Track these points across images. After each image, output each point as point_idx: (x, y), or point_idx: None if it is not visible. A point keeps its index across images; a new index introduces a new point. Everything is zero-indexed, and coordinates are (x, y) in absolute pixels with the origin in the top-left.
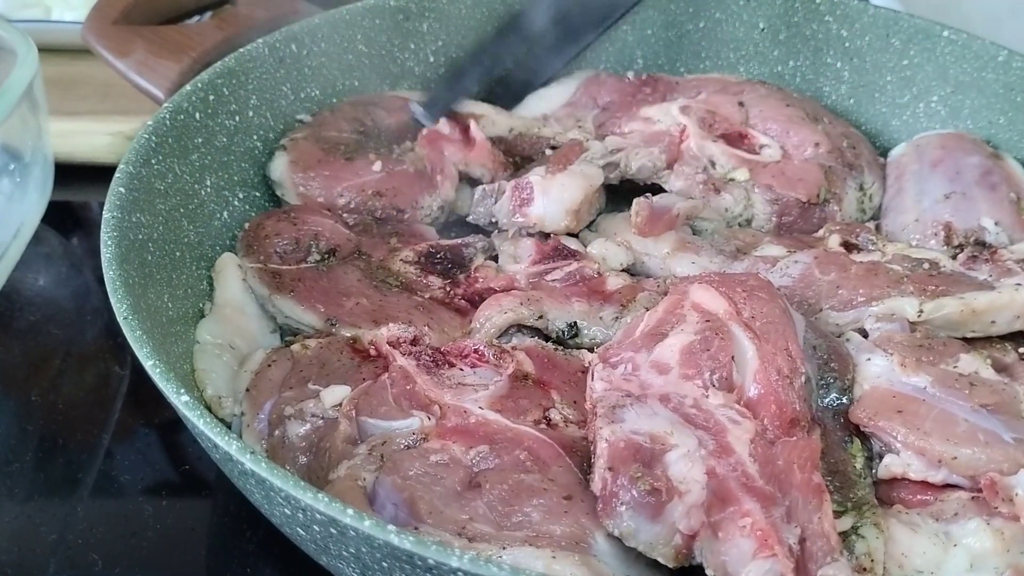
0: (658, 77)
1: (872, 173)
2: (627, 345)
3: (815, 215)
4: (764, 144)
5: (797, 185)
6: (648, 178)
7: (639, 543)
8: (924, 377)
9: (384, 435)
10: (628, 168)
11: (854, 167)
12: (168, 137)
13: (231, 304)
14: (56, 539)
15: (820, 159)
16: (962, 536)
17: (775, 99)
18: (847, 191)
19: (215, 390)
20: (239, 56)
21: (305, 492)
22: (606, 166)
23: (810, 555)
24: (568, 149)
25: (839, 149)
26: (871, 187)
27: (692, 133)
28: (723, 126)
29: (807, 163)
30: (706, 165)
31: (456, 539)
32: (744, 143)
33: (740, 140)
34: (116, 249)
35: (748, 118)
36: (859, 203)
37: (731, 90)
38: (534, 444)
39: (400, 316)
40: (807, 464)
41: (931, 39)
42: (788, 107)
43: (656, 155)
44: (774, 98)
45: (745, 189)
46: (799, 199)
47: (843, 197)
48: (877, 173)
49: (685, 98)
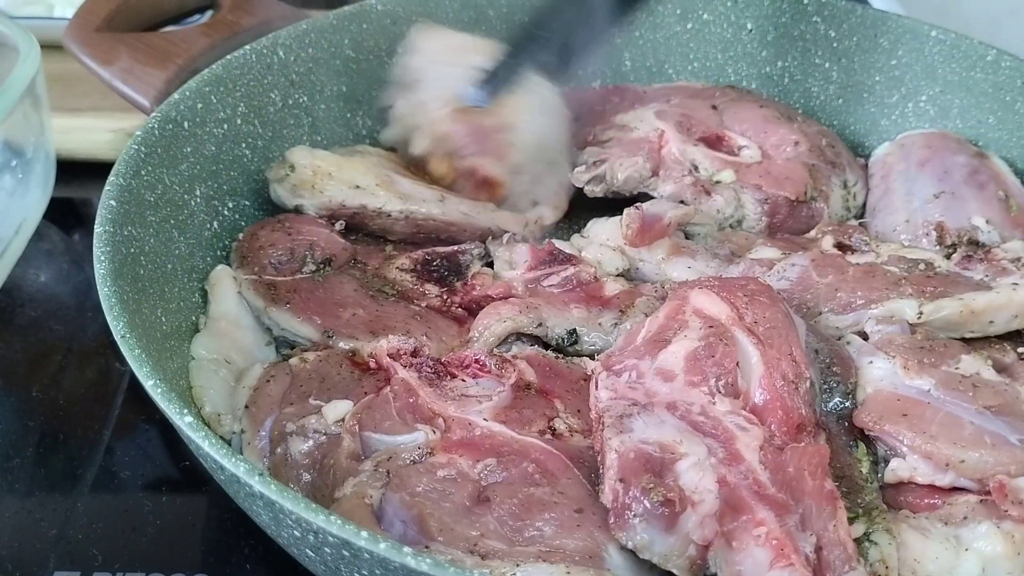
0: (624, 87)
1: (853, 171)
2: (630, 352)
3: (803, 213)
4: (743, 146)
5: (785, 184)
6: (635, 188)
7: (653, 555)
8: (927, 380)
9: (389, 450)
10: (615, 180)
11: (836, 164)
12: (157, 147)
13: (226, 317)
14: (56, 534)
15: (802, 157)
16: (973, 540)
17: (747, 101)
18: (832, 188)
19: (213, 407)
20: (226, 63)
21: (317, 514)
22: (591, 180)
23: (827, 564)
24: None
25: (819, 147)
26: (854, 185)
27: (672, 138)
28: (700, 129)
29: (791, 162)
30: (690, 169)
31: (468, 557)
32: (723, 145)
33: (718, 143)
34: (110, 264)
35: (723, 121)
36: (844, 201)
37: (702, 95)
38: (541, 456)
39: (398, 326)
40: (818, 470)
41: (919, 39)
42: (762, 108)
43: (641, 164)
44: (746, 100)
45: (734, 190)
46: (788, 198)
47: (829, 195)
48: (858, 171)
49: (657, 103)
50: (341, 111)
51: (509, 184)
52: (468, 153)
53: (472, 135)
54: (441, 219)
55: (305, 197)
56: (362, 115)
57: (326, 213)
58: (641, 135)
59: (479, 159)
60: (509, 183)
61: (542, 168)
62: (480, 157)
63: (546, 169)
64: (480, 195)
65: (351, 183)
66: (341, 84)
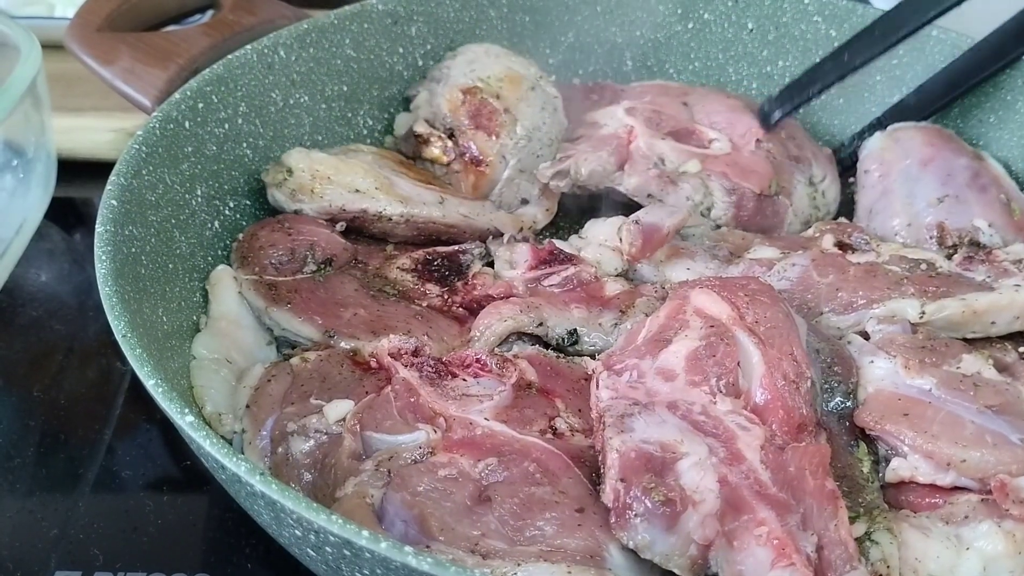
0: (604, 84)
1: (820, 165)
2: (631, 352)
3: (769, 209)
4: (713, 138)
5: (750, 176)
6: (600, 182)
7: (655, 555)
8: (928, 379)
9: (390, 450)
10: (579, 175)
11: (800, 160)
12: (158, 147)
13: (227, 317)
14: (57, 534)
15: (765, 151)
16: (974, 539)
17: (716, 94)
18: (795, 185)
19: (214, 407)
20: (227, 63)
21: (318, 514)
22: (555, 175)
23: (828, 563)
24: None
25: (781, 141)
26: (822, 181)
27: (640, 132)
28: (670, 124)
29: (755, 155)
30: (656, 162)
31: (469, 556)
32: (693, 139)
33: (688, 136)
34: (111, 264)
35: (693, 115)
36: (811, 198)
37: (673, 92)
38: (542, 455)
39: (398, 326)
40: (819, 470)
41: (920, 38)
42: (729, 99)
43: (605, 158)
44: (715, 93)
45: (700, 179)
46: (753, 191)
47: (792, 191)
48: (826, 164)
49: (630, 100)
50: (342, 111)
51: (496, 167)
52: (465, 128)
53: (473, 113)
54: (441, 221)
55: (304, 202)
56: (363, 115)
57: (326, 217)
58: (610, 131)
59: (472, 133)
60: (496, 166)
61: (529, 160)
62: (474, 132)
63: (533, 163)
64: (469, 178)
65: (351, 187)
66: (342, 84)
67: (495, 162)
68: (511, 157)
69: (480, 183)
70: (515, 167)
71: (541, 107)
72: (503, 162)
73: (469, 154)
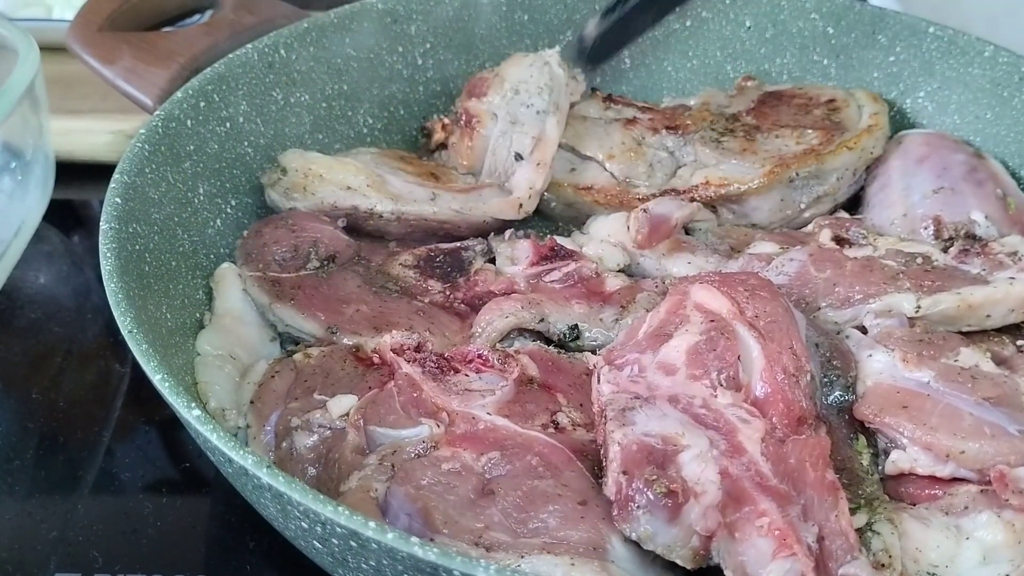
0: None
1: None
2: (631, 347)
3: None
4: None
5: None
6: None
7: (657, 546)
8: (927, 372)
9: (393, 444)
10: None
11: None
12: (161, 145)
13: (231, 314)
14: (57, 536)
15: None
16: (974, 529)
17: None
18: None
19: (218, 402)
20: (228, 62)
21: (325, 505)
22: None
23: (829, 554)
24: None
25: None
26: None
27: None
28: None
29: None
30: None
31: (473, 549)
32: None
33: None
34: (116, 261)
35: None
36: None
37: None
38: (545, 449)
39: (401, 322)
40: (819, 462)
41: (917, 35)
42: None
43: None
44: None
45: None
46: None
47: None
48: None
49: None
50: (342, 109)
51: (486, 123)
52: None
53: (470, 89)
54: (433, 218)
55: (297, 200)
56: (363, 113)
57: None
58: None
59: (466, 101)
60: (487, 122)
61: (518, 111)
62: (467, 100)
63: (523, 113)
64: (464, 142)
65: (342, 184)
66: (342, 82)
67: (485, 119)
68: (500, 110)
69: (475, 143)
70: (505, 119)
71: (529, 64)
72: (493, 119)
73: (464, 118)
